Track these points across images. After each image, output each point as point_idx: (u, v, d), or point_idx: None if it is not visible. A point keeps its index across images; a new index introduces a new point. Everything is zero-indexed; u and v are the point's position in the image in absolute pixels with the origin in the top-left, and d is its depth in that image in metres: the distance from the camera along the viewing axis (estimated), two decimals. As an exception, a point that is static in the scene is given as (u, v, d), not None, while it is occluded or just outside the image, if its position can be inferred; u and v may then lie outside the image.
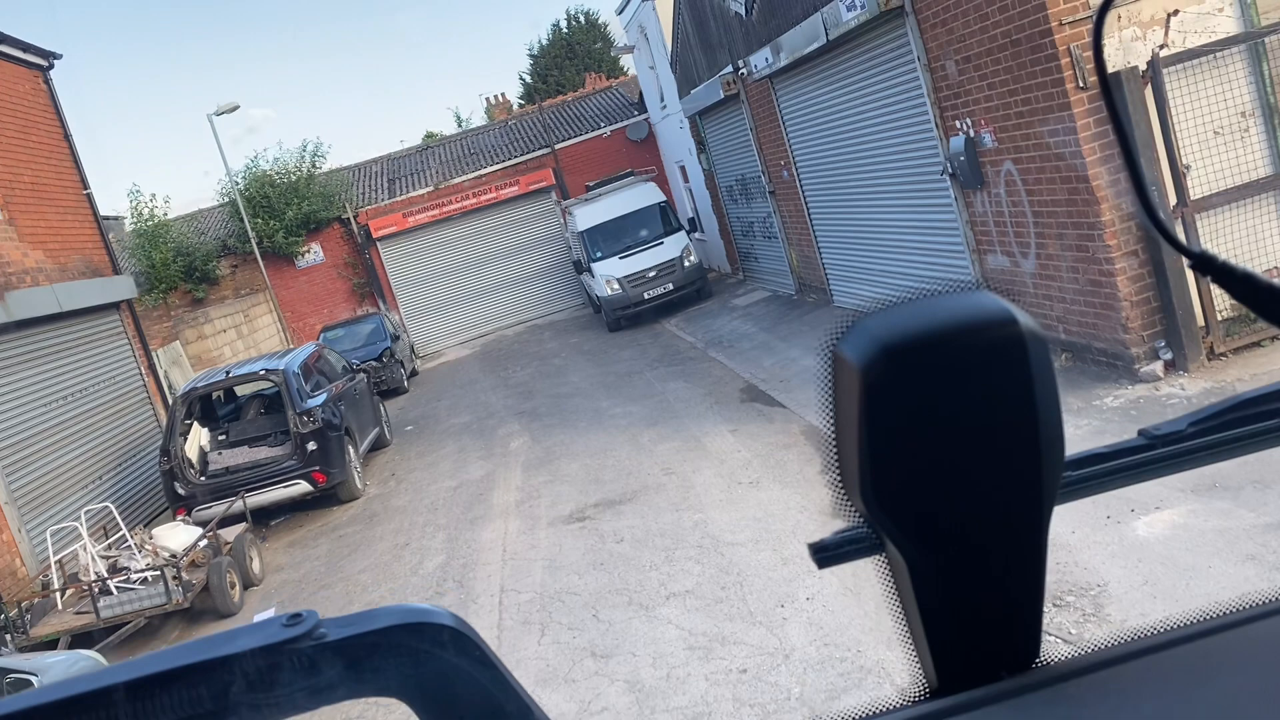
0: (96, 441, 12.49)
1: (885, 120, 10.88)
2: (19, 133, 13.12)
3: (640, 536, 7.94)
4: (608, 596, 6.97)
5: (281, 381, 11.45)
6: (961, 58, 8.82)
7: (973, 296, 0.71)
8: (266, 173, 24.70)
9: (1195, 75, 7.46)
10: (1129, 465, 0.86)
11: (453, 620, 0.68)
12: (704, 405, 11.70)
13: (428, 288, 25.61)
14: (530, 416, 13.90)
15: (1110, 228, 7.58)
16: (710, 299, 19.59)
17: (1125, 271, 7.65)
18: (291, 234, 24.13)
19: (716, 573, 6.83)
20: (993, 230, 9.31)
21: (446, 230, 25.68)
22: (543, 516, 9.18)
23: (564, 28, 44.27)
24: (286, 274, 24.65)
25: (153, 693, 0.61)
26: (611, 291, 19.21)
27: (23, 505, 10.56)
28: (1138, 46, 7.44)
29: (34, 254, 12.43)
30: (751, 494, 8.19)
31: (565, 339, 20.96)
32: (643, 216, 20.10)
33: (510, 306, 25.73)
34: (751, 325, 15.98)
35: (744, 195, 18.60)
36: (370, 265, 25.35)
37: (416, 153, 29.18)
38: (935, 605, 0.73)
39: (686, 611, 6.37)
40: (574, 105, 29.00)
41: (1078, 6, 7.38)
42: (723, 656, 5.64)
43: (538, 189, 25.80)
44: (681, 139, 22.41)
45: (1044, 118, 7.86)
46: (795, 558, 6.64)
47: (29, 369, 11.56)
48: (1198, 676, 0.72)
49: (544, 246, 25.73)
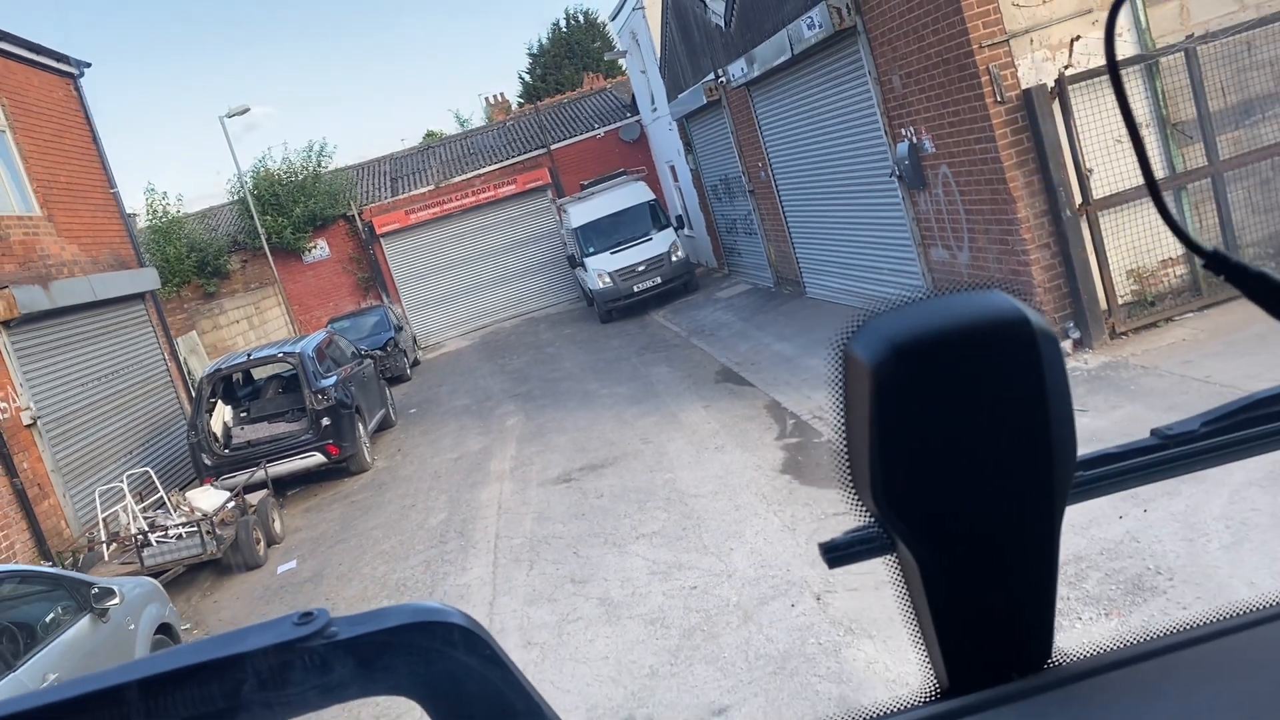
0: (127, 419, 13.65)
1: (844, 127, 12.04)
2: (54, 136, 14.26)
3: (618, 493, 9.10)
4: (587, 539, 8.13)
5: (298, 363, 12.61)
6: (904, 73, 9.97)
7: (984, 296, 0.70)
8: (274, 172, 25.85)
9: (1097, 92, 8.59)
10: (1141, 465, 0.85)
11: (464, 619, 0.68)
12: (683, 386, 12.85)
13: (429, 282, 26.78)
14: (525, 398, 15.05)
15: (1025, 224, 8.73)
16: (696, 292, 20.74)
17: (1039, 262, 8.79)
18: (299, 230, 25.29)
19: (679, 518, 7.98)
20: (934, 226, 10.46)
21: (447, 227, 26.84)
22: (534, 479, 10.34)
23: (563, 27, 45.14)
24: (294, 269, 25.82)
25: (165, 690, 0.61)
26: (603, 285, 20.34)
27: (66, 474, 11.71)
28: (1048, 66, 8.59)
29: (70, 248, 13.57)
30: (716, 457, 9.35)
31: (559, 330, 22.12)
32: (633, 214, 21.21)
33: (508, 300, 26.90)
34: (732, 315, 17.12)
35: (727, 194, 19.75)
36: (374, 260, 26.51)
37: (418, 152, 30.34)
38: (946, 605, 0.73)
39: (652, 547, 7.53)
40: (570, 106, 30.13)
41: (995, 31, 8.52)
42: (678, 578, 6.80)
43: (534, 188, 26.95)
44: (671, 140, 23.53)
45: (970, 127, 9.02)
46: (745, 504, 7.81)
47: (68, 351, 12.71)
48: (1212, 678, 0.71)
49: (540, 243, 26.88)
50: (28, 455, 11.08)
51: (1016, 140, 8.61)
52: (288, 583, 9.51)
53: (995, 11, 8.48)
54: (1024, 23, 8.56)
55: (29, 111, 13.59)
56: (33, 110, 13.74)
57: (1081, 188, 8.58)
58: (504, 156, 27.42)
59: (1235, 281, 0.82)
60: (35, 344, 11.93)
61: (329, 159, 27.41)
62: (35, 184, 13.16)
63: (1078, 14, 8.59)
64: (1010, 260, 9.08)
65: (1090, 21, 8.60)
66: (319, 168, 26.58)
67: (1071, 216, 8.56)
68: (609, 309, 20.48)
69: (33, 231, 12.72)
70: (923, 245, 10.87)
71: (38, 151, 13.52)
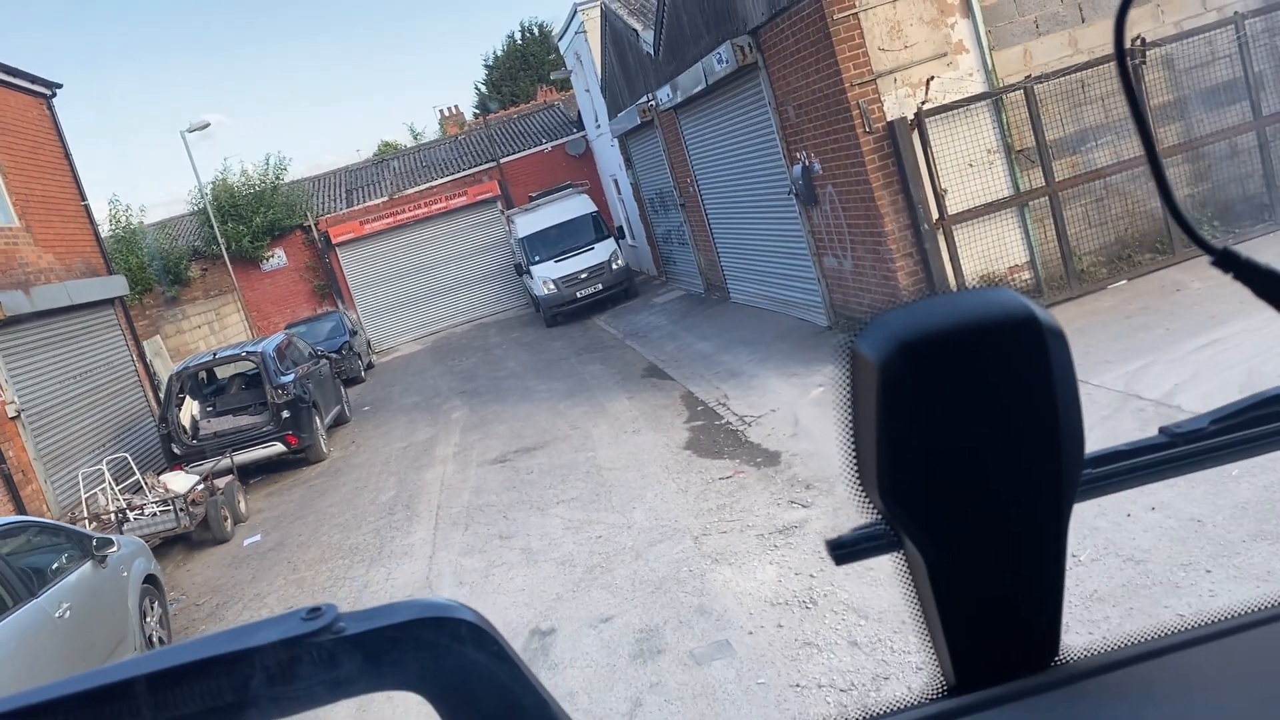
0: (100, 414, 14.76)
1: (752, 149, 13.52)
2: (30, 153, 15.34)
3: (546, 469, 10.44)
4: (515, 506, 9.47)
5: (260, 361, 13.83)
6: (796, 104, 11.45)
7: (992, 294, 0.70)
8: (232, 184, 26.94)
9: (952, 123, 10.11)
10: (1150, 463, 0.86)
11: (472, 615, 0.67)
12: (612, 381, 14.23)
13: (383, 289, 27.98)
14: (471, 395, 16.36)
15: (892, 236, 10.23)
16: (636, 298, 22.15)
17: (904, 269, 10.29)
18: (257, 239, 26.40)
19: (595, 487, 9.35)
20: (825, 237, 11.94)
21: (400, 237, 28.06)
22: (473, 461, 11.66)
23: (518, 39, 46.00)
24: (253, 276, 26.90)
25: (174, 685, 0.62)
26: (548, 291, 21.70)
27: (47, 462, 12.82)
28: (908, 102, 10.09)
29: (46, 256, 14.67)
30: (632, 438, 10.73)
31: (507, 334, 23.43)
32: (577, 225, 22.61)
33: (459, 306, 28.16)
34: (664, 319, 18.55)
35: (662, 207, 21.21)
36: (330, 269, 27.65)
37: (372, 165, 31.54)
38: (953, 603, 0.73)
39: (569, 510, 8.89)
40: (519, 122, 31.49)
41: (864, 72, 10.01)
42: (587, 531, 8.17)
43: (484, 199, 28.27)
44: (613, 155, 24.92)
45: (846, 153, 10.50)
46: (650, 474, 9.19)
47: (47, 352, 13.81)
48: (1218, 676, 0.71)
49: (490, 252, 28.19)
50: (12, 445, 12.18)
51: (883, 165, 10.10)
52: (253, 553, 10.73)
53: (864, 55, 9.97)
54: (888, 64, 10.06)
55: (6, 130, 14.68)
56: (10, 129, 14.82)
57: (938, 205, 10.09)
58: (455, 169, 28.71)
59: (1245, 280, 0.82)
60: (18, 344, 13.03)
61: (285, 170, 28.55)
62: (14, 197, 14.25)
63: (934, 57, 10.11)
64: (881, 267, 10.57)
65: (945, 64, 10.12)
66: (277, 180, 27.70)
67: (929, 229, 10.07)
68: (554, 314, 21.82)
69: (12, 242, 13.81)
70: (817, 254, 12.35)
71: (15, 167, 14.60)
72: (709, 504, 8.04)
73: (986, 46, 10.19)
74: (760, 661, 5.37)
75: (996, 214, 10.30)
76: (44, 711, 0.61)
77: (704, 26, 13.58)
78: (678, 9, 14.53)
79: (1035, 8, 10.41)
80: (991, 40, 10.23)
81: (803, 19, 10.52)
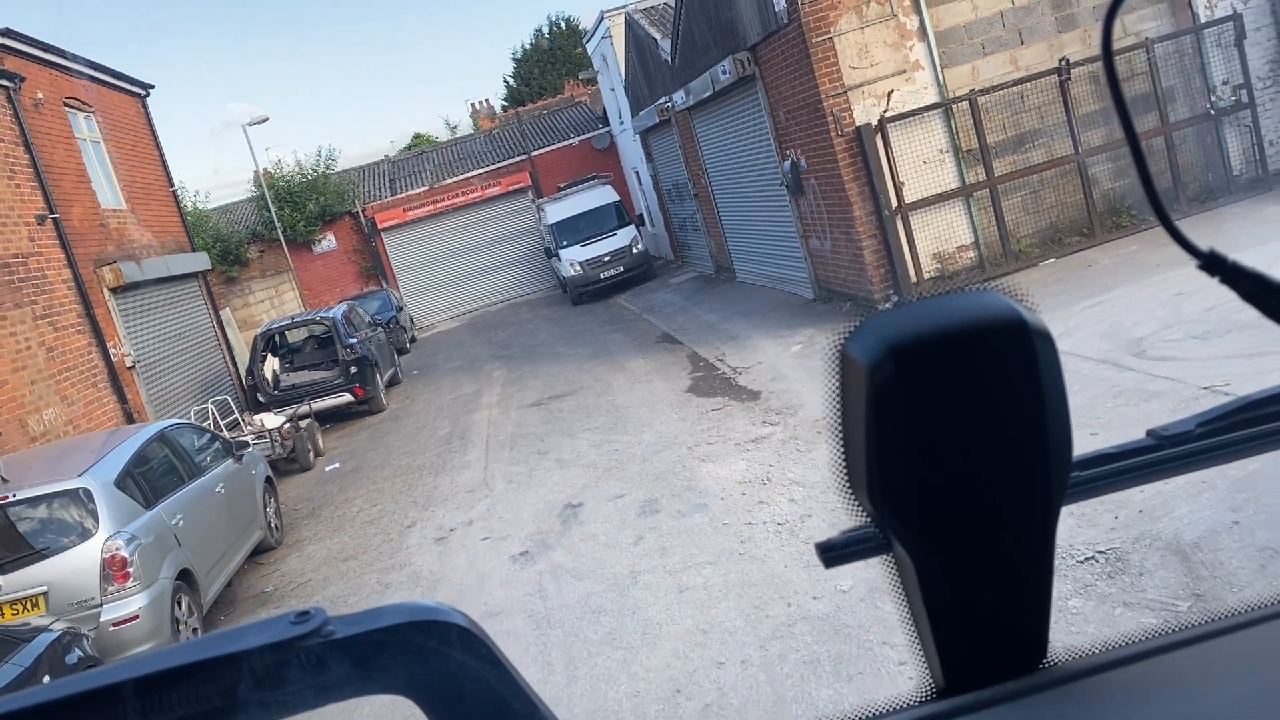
0: (191, 370, 17.24)
1: (752, 147, 15.77)
2: (131, 145, 17.82)
3: (574, 409, 12.78)
4: (550, 434, 11.81)
5: (332, 325, 16.29)
6: (785, 110, 13.69)
7: (981, 297, 0.70)
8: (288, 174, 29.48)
9: (910, 128, 12.32)
10: (1137, 466, 0.86)
11: (461, 619, 0.67)
12: (630, 346, 16.54)
13: (424, 271, 30.47)
14: (508, 359, 18.74)
15: (859, 221, 12.46)
16: (654, 279, 24.47)
17: (870, 248, 12.52)
18: (310, 224, 28.91)
19: (613, 419, 11.67)
20: (810, 222, 14.18)
21: (440, 223, 30.53)
22: (514, 405, 14.03)
23: (546, 33, 47.55)
24: (305, 258, 29.45)
25: (161, 689, 0.61)
26: (574, 273, 24.04)
27: (155, 406, 15.29)
28: (874, 110, 12.31)
29: (146, 234, 17.15)
30: (644, 386, 13.05)
31: (538, 311, 25.82)
32: (601, 213, 24.92)
33: (493, 287, 30.61)
34: (678, 297, 20.84)
35: (679, 197, 23.49)
36: (375, 252, 30.13)
37: (413, 156, 34.05)
38: (942, 605, 0.74)
39: (593, 435, 11.22)
40: (549, 117, 33.86)
41: (837, 85, 12.23)
42: (606, 447, 10.49)
43: (517, 189, 30.66)
44: (635, 149, 27.20)
45: (824, 152, 12.74)
46: (658, 410, 11.50)
47: (152, 315, 16.29)
48: (1207, 678, 0.72)
49: (521, 238, 30.60)
50: (130, 390, 14.65)
51: (852, 162, 12.33)
52: (335, 476, 13.14)
53: (838, 71, 12.19)
54: (858, 79, 12.28)
55: (115, 126, 17.16)
56: (117, 125, 17.30)
57: (897, 195, 12.31)
58: (490, 161, 31.11)
59: (1230, 283, 0.82)
60: (131, 307, 15.51)
61: (334, 161, 31.07)
62: (122, 184, 16.73)
63: (896, 73, 12.32)
64: (851, 247, 12.82)
65: (905, 79, 12.33)
66: (327, 169, 30.21)
67: (890, 215, 12.29)
68: (579, 294, 24.15)
69: (123, 221, 16.29)
70: (804, 237, 14.61)
71: (122, 158, 17.09)
72: (702, 426, 10.34)
73: (939, 65, 12.39)
74: (727, 513, 7.67)
75: (946, 203, 12.50)
76: (30, 716, 0.60)
77: (712, 40, 15.83)
78: (691, 24, 16.79)
79: (981, 32, 12.60)
80: (944, 59, 12.43)
81: (789, 40, 12.75)
